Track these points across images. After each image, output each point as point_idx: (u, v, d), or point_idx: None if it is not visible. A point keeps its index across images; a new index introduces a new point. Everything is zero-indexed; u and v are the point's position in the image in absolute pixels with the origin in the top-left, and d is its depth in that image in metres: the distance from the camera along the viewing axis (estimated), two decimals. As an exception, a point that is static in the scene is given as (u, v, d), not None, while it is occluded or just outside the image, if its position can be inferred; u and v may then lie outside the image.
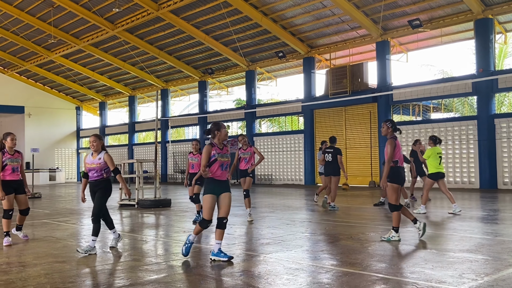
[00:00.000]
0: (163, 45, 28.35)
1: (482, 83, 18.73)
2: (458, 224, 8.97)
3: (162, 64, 30.62)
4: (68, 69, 34.35)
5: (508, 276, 5.01)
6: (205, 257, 6.46)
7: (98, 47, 30.08)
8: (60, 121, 40.17)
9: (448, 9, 19.69)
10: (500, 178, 18.55)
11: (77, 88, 37.75)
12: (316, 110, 24.59)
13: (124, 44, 28.42)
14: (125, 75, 33.89)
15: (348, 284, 4.85)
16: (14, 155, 7.62)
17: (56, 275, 5.40)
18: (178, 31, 26.03)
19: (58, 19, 27.12)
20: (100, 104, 39.29)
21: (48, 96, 39.45)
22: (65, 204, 15.87)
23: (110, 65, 32.17)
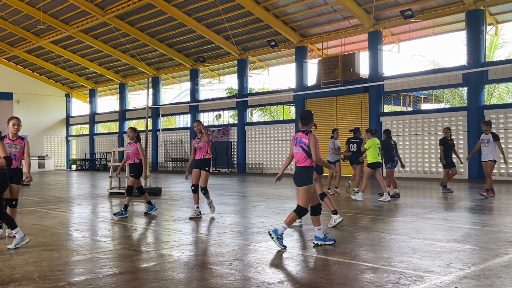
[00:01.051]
0: (154, 32, 28.09)
1: (473, 74, 18.82)
2: (446, 214, 9.05)
3: (153, 52, 30.37)
4: (58, 56, 33.95)
5: (495, 266, 5.07)
6: (196, 246, 6.47)
7: (88, 34, 29.74)
8: (50, 108, 39.79)
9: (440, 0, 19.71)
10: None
11: (66, 75, 37.36)
12: (308, 99, 24.58)
13: (115, 31, 28.12)
14: (116, 62, 33.59)
15: (337, 273, 4.88)
16: (15, 141, 7.01)
17: (44, 263, 5.37)
18: (169, 18, 25.79)
19: (48, 4, 26.72)
20: (90, 91, 38.96)
21: (37, 82, 39.01)
22: (54, 192, 15.79)
23: (100, 52, 31.85)
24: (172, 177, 23.95)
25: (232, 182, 19.64)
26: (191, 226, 8.13)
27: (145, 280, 4.69)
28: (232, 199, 12.57)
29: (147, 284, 4.54)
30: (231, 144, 28.24)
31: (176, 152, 32.06)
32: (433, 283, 4.45)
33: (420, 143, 20.69)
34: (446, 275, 4.71)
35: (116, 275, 4.90)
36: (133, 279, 4.76)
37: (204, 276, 4.78)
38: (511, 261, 5.28)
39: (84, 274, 5.00)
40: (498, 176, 18.55)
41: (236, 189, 16.03)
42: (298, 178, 6.23)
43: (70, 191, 16.54)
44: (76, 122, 41.28)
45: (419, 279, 4.58)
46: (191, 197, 13.31)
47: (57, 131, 40.59)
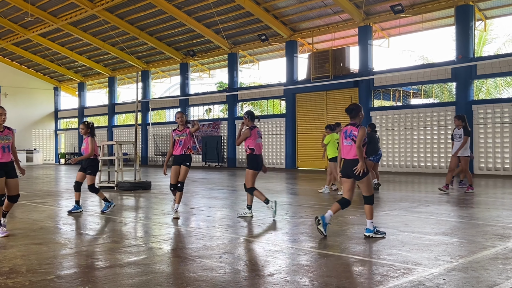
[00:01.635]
0: (144, 26, 27.90)
1: (461, 69, 18.95)
2: (434, 207, 9.13)
3: (143, 45, 30.17)
4: (46, 48, 33.59)
5: (482, 259, 5.12)
6: (186, 239, 6.46)
7: (77, 26, 29.44)
8: (38, 102, 39.41)
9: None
10: (476, 163, 18.91)
11: (55, 68, 37.00)
12: (298, 94, 24.59)
13: (104, 24, 27.87)
14: (105, 56, 33.32)
15: (326, 266, 4.90)
16: (3, 132, 6.55)
17: (33, 257, 5.33)
18: (159, 11, 25.62)
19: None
20: (79, 84, 38.63)
21: (25, 75, 38.59)
22: (42, 185, 15.66)
23: (89, 45, 31.56)
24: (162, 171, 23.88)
25: (222, 176, 19.63)
26: (181, 220, 8.11)
27: (134, 273, 4.67)
28: (222, 193, 12.57)
29: (137, 277, 4.52)
30: (221, 138, 28.21)
31: (166, 146, 31.94)
32: (421, 275, 4.49)
33: (409, 137, 20.82)
34: (434, 268, 4.75)
35: (105, 269, 4.88)
36: (122, 272, 4.74)
37: (193, 269, 4.78)
38: (498, 253, 5.34)
39: (73, 267, 4.97)
40: (486, 170, 18.74)
41: (226, 183, 16.02)
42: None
43: (58, 185, 16.42)
44: (65, 116, 40.94)
45: (407, 272, 4.62)
46: (181, 191, 13.29)
47: (45, 125, 40.24)
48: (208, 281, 4.38)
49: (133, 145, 15.39)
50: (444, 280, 4.34)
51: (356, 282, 4.32)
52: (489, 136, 18.73)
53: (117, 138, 34.94)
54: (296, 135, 24.69)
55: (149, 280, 4.42)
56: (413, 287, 4.14)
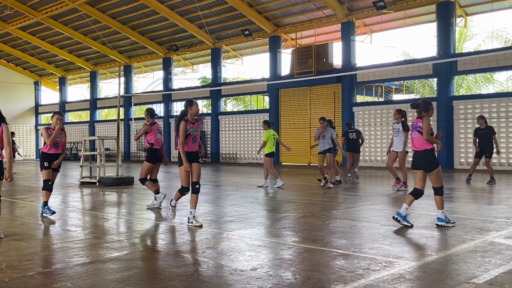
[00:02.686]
0: (126, 20, 27.60)
1: (442, 65, 19.17)
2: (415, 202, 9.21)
3: (125, 40, 29.85)
4: (26, 42, 33.01)
5: (462, 252, 5.21)
6: (169, 235, 6.43)
7: (57, 20, 29.00)
8: (18, 97, 38.77)
9: (412, -9, 19.94)
10: (456, 158, 19.19)
11: (35, 62, 36.40)
12: (282, 89, 24.62)
13: (85, 18, 27.50)
14: (86, 50, 32.89)
15: (309, 260, 4.93)
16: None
17: (13, 253, 5.26)
18: (141, 5, 25.36)
19: (15, -11, 25.94)
20: (60, 79, 38.09)
21: (4, 70, 37.90)
22: (22, 181, 15.43)
23: (71, 39, 31.12)
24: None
25: (205, 171, 19.58)
26: (163, 215, 8.07)
27: (116, 269, 4.64)
28: (205, 188, 12.54)
29: (119, 273, 4.49)
30: (205, 134, 28.12)
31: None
32: (402, 268, 4.54)
33: (391, 133, 20.96)
34: (415, 261, 4.81)
35: (86, 264, 4.83)
36: (104, 268, 4.70)
37: (177, 264, 4.76)
38: (477, 247, 5.44)
39: (54, 263, 4.91)
40: (466, 165, 19.03)
41: (210, 178, 15.99)
42: (428, 163, 6.61)
43: (39, 180, 16.19)
44: (46, 111, 40.34)
45: (388, 265, 4.67)
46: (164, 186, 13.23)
47: (25, 120, 39.63)
48: (191, 276, 4.37)
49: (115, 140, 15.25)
50: (424, 273, 4.40)
51: (338, 275, 4.35)
52: (469, 131, 18.99)
53: (99, 134, 34.57)
54: (279, 130, 24.73)
55: (132, 276, 4.39)
56: (394, 280, 4.19)
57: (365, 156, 21.70)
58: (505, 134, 18.07)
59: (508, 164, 17.99)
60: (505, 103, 18.17)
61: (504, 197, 10.09)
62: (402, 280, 4.18)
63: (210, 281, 4.22)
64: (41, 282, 4.22)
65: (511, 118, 18.00)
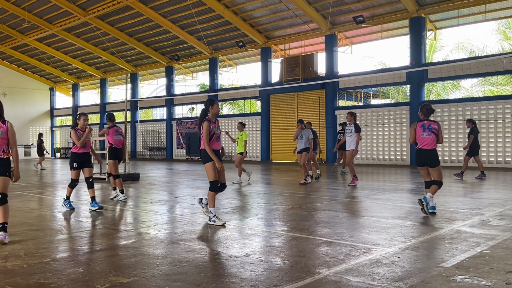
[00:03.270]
0: (133, 32, 27.46)
1: (415, 73, 19.26)
2: (391, 195, 9.28)
3: (132, 50, 29.70)
4: (42, 52, 32.75)
5: (432, 239, 5.24)
6: (171, 225, 6.41)
7: (70, 32, 28.79)
8: (35, 101, 38.47)
9: (387, 7, 20.01)
10: (427, 156, 19.26)
11: (50, 70, 36.13)
12: (272, 95, 24.61)
13: (96, 30, 27.33)
14: (97, 59, 32.69)
15: (296, 247, 4.94)
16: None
17: (30, 242, 5.21)
18: (146, 19, 25.25)
19: (32, 4, 25.71)
20: (73, 85, 37.82)
21: (22, 77, 37.58)
22: (39, 177, 15.31)
23: (82, 49, 30.91)
24: (150, 164, 23.64)
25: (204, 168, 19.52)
26: (166, 207, 8.05)
27: (124, 256, 4.62)
28: (204, 183, 12.51)
29: (126, 259, 4.47)
30: (203, 134, 28.00)
31: (153, 142, 31.63)
32: (379, 254, 4.56)
33: (369, 134, 21.08)
34: (390, 247, 4.83)
35: (97, 252, 4.80)
36: (112, 255, 4.68)
37: (177, 251, 4.75)
38: (445, 234, 5.47)
39: (67, 251, 4.88)
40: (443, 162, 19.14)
41: (208, 174, 15.95)
42: (434, 160, 6.84)
43: (54, 177, 16.07)
44: (60, 114, 40.07)
45: (367, 251, 4.69)
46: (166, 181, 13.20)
47: (41, 122, 39.32)
48: (191, 261, 4.36)
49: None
50: (399, 258, 4.43)
51: (322, 260, 4.36)
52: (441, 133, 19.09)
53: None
54: (270, 132, 24.75)
55: (138, 262, 4.38)
56: (372, 264, 4.20)
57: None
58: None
59: (473, 161, 18.08)
60: (470, 107, 18.29)
61: (469, 191, 10.17)
62: (379, 264, 4.20)
63: (208, 266, 4.21)
64: (56, 268, 4.19)
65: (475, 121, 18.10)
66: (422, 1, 19.14)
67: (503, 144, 17.48)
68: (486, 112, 17.89)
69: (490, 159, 17.79)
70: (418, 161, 6.98)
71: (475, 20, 19.97)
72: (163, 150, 30.64)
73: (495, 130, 17.66)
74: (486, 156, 17.87)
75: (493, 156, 17.76)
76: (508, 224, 6.05)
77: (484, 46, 25.33)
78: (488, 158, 17.84)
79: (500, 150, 17.52)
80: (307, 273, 3.94)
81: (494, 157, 17.73)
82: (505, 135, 17.38)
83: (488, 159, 17.82)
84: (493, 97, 19.41)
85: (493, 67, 17.63)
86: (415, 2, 19.08)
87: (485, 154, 17.89)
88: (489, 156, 17.83)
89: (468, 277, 3.79)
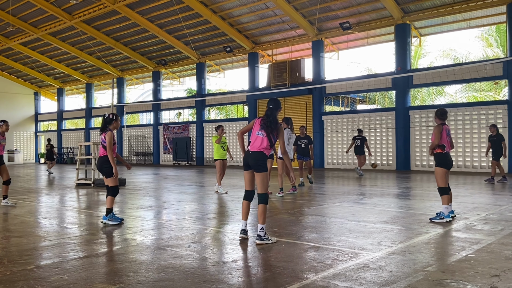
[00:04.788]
0: (119, 37, 27.31)
1: (400, 79, 19.50)
2: (377, 199, 9.34)
3: (118, 54, 29.51)
4: (27, 56, 32.35)
5: (418, 243, 5.28)
6: (157, 231, 6.35)
7: (56, 36, 28.51)
8: (19, 106, 37.94)
9: (373, 14, 20.25)
10: (413, 161, 19.50)
11: (35, 74, 35.68)
12: (259, 100, 24.66)
13: (82, 35, 27.11)
14: (83, 64, 32.40)
15: (284, 252, 4.93)
16: None
17: (13, 249, 5.12)
18: (133, 24, 25.14)
19: (17, 8, 25.42)
20: (58, 90, 37.40)
21: (6, 81, 37.05)
22: (23, 183, 15.06)
23: (68, 53, 30.62)
24: (136, 169, 23.44)
25: (191, 173, 19.45)
26: (153, 213, 7.98)
27: (109, 263, 4.56)
28: (191, 188, 12.45)
29: (112, 266, 4.41)
30: (191, 139, 27.95)
31: (140, 147, 31.39)
32: (366, 258, 4.58)
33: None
34: (377, 252, 4.85)
35: (82, 258, 4.73)
36: (98, 261, 4.61)
37: (164, 257, 4.71)
38: (430, 238, 5.52)
39: (52, 258, 4.80)
40: (421, 167, 19.35)
41: (195, 179, 15.89)
42: None
43: (38, 182, 15.83)
44: (45, 119, 39.56)
45: (354, 256, 4.70)
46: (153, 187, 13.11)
47: (26, 127, 38.76)
48: (178, 268, 4.32)
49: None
50: (386, 262, 4.45)
51: (310, 265, 4.36)
52: (424, 137, 19.35)
53: (94, 139, 33.98)
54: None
55: (124, 268, 4.32)
56: (359, 269, 4.21)
57: (333, 159, 21.89)
58: (454, 140, 18.45)
59: (457, 166, 18.36)
60: (454, 112, 18.56)
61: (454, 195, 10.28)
62: (366, 269, 4.22)
63: (195, 272, 4.18)
64: (40, 275, 4.11)
65: (459, 126, 18.39)
66: (407, 8, 19.41)
67: (486, 149, 17.73)
68: (470, 118, 18.17)
69: (474, 164, 18.05)
70: (451, 164, 6.81)
71: (459, 27, 20.32)
72: (150, 155, 30.43)
73: (478, 135, 17.93)
74: (470, 161, 18.13)
75: (477, 161, 18.02)
76: (492, 228, 6.13)
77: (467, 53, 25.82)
78: (472, 163, 18.10)
79: (484, 155, 17.78)
80: (295, 279, 3.93)
81: (478, 162, 17.99)
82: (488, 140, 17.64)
83: (472, 164, 18.08)
84: (476, 103, 19.73)
85: (477, 74, 17.95)
86: (400, 9, 19.34)
87: (469, 159, 18.15)
88: (473, 161, 18.08)
89: (454, 281, 3.83)
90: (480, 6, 18.00)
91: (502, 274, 4.03)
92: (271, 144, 5.40)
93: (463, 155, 18.25)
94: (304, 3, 20.43)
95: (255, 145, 5.41)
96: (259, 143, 5.39)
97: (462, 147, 18.27)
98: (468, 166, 18.19)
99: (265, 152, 5.37)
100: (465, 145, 18.26)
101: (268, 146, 5.39)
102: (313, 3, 20.14)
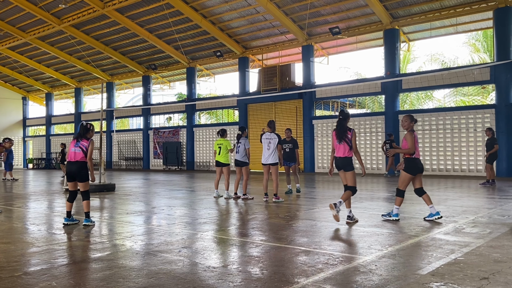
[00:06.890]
0: (109, 41, 27.18)
1: (389, 84, 19.65)
2: (367, 203, 9.38)
3: (108, 59, 29.37)
4: (15, 61, 32.05)
5: (408, 247, 5.30)
6: (147, 236, 6.30)
7: (44, 41, 28.29)
8: (7, 111, 37.51)
9: (362, 19, 20.42)
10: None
11: (23, 79, 35.34)
12: (250, 104, 24.69)
13: (71, 39, 26.94)
14: (72, 68, 32.17)
15: (275, 256, 4.92)
16: None
17: (1, 255, 5.04)
18: (123, 28, 25.05)
19: (5, 12, 25.18)
20: (47, 95, 37.07)
21: (-6, 86, 36.66)
22: (10, 189, 14.87)
23: (57, 58, 30.39)
24: (126, 174, 23.28)
25: (181, 178, 19.37)
26: (143, 218, 7.92)
27: (99, 268, 4.51)
28: (181, 193, 12.40)
29: (101, 272, 4.36)
30: (181, 144, 27.85)
31: (129, 152, 31.19)
32: (357, 262, 4.59)
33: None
34: (368, 256, 4.87)
35: (71, 265, 4.68)
36: (87, 267, 4.56)
37: (154, 263, 4.67)
38: (421, 242, 5.55)
39: (40, 264, 4.73)
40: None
41: (185, 184, 15.82)
42: None
43: (26, 188, 15.64)
44: (33, 124, 39.15)
45: (345, 260, 4.71)
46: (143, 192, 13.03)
47: (13, 132, 38.31)
48: (168, 273, 4.29)
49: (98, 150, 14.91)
50: (376, 266, 4.46)
51: (301, 270, 4.36)
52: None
53: (83, 144, 33.62)
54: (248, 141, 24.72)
55: (113, 274, 4.28)
56: (349, 273, 4.22)
57: (324, 164, 21.95)
58: (442, 144, 18.63)
59: (446, 169, 18.53)
60: (442, 117, 18.75)
61: (443, 199, 10.37)
62: (357, 273, 4.22)
63: (185, 278, 4.15)
64: (28, 282, 4.05)
65: (448, 130, 18.58)
66: (395, 14, 19.61)
67: (474, 152, 17.94)
68: (458, 122, 18.36)
69: (463, 167, 18.23)
70: (420, 169, 7.27)
71: (447, 32, 20.57)
72: (140, 160, 30.24)
73: (466, 139, 18.13)
74: (459, 165, 18.30)
75: (465, 165, 18.20)
76: (481, 231, 6.18)
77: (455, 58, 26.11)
78: (460, 166, 18.28)
79: (472, 159, 17.97)
80: (286, 283, 3.93)
81: (466, 166, 18.17)
82: (477, 144, 17.86)
83: (461, 168, 18.25)
84: (464, 107, 19.95)
85: (464, 78, 18.16)
86: (389, 14, 19.54)
87: (457, 163, 18.32)
88: (462, 164, 18.26)
89: (443, 284, 3.85)
90: (467, 11, 18.25)
91: (491, 276, 4.06)
92: (350, 147, 6.93)
93: (452, 159, 18.42)
94: (294, 8, 20.54)
95: (340, 152, 6.99)
96: (342, 150, 6.96)
97: (451, 151, 18.45)
98: (456, 170, 18.36)
99: (349, 155, 6.94)
100: (454, 149, 18.43)
101: (349, 149, 6.92)
102: (303, 9, 20.26)
